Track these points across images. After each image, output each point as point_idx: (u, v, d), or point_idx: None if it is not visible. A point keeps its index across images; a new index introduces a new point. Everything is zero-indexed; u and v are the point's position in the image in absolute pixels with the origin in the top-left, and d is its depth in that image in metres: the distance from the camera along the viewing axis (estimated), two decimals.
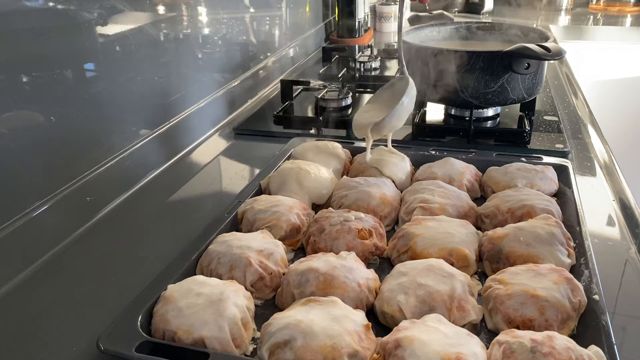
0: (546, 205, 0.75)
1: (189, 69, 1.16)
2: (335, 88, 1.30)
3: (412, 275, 0.61)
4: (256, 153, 1.11)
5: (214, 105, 1.21)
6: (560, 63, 1.69)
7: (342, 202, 0.81)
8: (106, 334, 0.54)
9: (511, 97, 1.05)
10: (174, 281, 0.61)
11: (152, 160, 0.99)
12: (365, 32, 2.04)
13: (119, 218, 0.85)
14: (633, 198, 0.86)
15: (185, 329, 0.54)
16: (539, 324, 0.56)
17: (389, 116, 0.85)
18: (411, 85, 0.90)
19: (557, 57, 0.97)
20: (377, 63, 1.58)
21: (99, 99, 0.88)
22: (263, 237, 0.69)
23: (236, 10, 1.37)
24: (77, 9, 0.83)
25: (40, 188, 0.76)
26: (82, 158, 0.84)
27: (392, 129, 0.88)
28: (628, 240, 0.76)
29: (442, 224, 0.71)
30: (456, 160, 0.89)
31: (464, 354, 0.49)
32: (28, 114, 0.75)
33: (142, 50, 0.99)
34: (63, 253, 0.76)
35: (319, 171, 0.86)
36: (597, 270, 0.63)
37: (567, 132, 1.12)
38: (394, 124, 0.87)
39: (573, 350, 0.50)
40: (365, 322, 0.56)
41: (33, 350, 0.59)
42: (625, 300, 0.64)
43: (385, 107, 0.89)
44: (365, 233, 0.70)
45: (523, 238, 0.67)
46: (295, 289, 0.61)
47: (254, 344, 0.57)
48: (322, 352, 0.50)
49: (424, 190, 0.80)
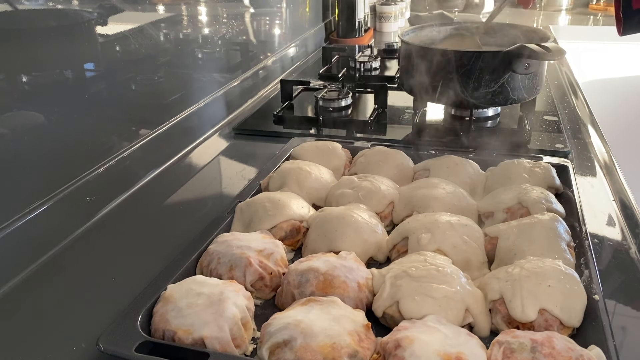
0: (549, 204, 0.75)
1: (189, 69, 1.16)
2: (335, 88, 1.30)
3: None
4: (256, 153, 1.10)
5: (213, 105, 1.21)
6: (560, 63, 1.69)
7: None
8: (106, 334, 0.54)
9: (511, 97, 1.05)
10: (174, 281, 0.61)
11: (152, 160, 0.99)
12: (365, 32, 2.04)
13: (119, 218, 0.85)
14: (633, 198, 0.86)
15: (185, 329, 0.54)
16: (539, 324, 0.56)
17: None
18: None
19: (557, 57, 0.97)
20: (377, 63, 1.58)
21: (99, 99, 0.88)
22: (263, 237, 0.69)
23: (236, 10, 1.37)
24: (77, 9, 0.83)
25: (40, 188, 0.76)
26: (82, 158, 0.84)
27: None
28: (628, 240, 0.76)
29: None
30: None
31: (464, 353, 0.49)
32: (28, 114, 0.75)
33: (142, 50, 0.99)
34: (63, 253, 0.76)
35: (319, 171, 0.86)
36: (597, 270, 0.63)
37: (567, 132, 1.12)
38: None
39: (573, 351, 0.50)
40: (365, 322, 0.56)
41: (33, 350, 0.59)
42: (625, 300, 0.64)
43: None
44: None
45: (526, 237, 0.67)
46: (295, 289, 0.61)
47: (254, 344, 0.57)
48: (322, 352, 0.50)
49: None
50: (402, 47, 1.18)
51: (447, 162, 0.88)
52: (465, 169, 0.87)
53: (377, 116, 1.19)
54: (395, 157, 0.91)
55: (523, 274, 0.59)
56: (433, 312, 0.56)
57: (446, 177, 0.84)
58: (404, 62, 1.17)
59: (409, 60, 1.13)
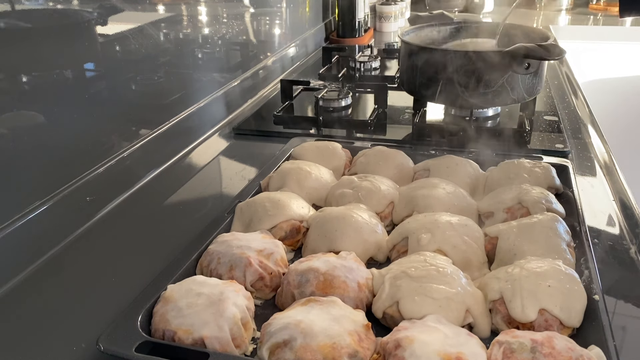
0: (549, 204, 0.75)
1: (189, 69, 1.16)
2: (335, 88, 1.30)
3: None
4: (256, 153, 1.11)
5: (213, 105, 1.21)
6: (560, 63, 1.69)
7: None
8: (106, 334, 0.54)
9: (511, 97, 1.05)
10: (174, 281, 0.61)
11: (152, 160, 0.99)
12: (365, 32, 2.04)
13: (119, 218, 0.85)
14: (633, 198, 0.86)
15: (185, 329, 0.54)
16: (539, 324, 0.56)
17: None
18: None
19: (557, 57, 0.97)
20: (377, 63, 1.58)
21: (99, 99, 0.88)
22: (263, 237, 0.69)
23: (236, 10, 1.37)
24: (77, 9, 0.83)
25: (40, 188, 0.76)
26: (82, 158, 0.84)
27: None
28: (628, 240, 0.76)
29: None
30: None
31: (464, 353, 0.49)
32: (28, 114, 0.75)
33: (142, 50, 0.99)
34: (63, 253, 0.76)
35: (319, 171, 0.86)
36: (597, 270, 0.63)
37: (567, 132, 1.12)
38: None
39: (573, 351, 0.50)
40: (365, 322, 0.56)
41: (33, 350, 0.59)
42: (625, 300, 0.64)
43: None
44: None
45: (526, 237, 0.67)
46: (295, 289, 0.61)
47: (254, 344, 0.57)
48: (322, 352, 0.50)
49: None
50: (402, 47, 1.18)
51: (447, 162, 0.88)
52: (465, 169, 0.87)
53: (377, 116, 1.19)
54: (395, 157, 0.91)
55: (523, 274, 0.59)
56: (433, 312, 0.56)
57: (446, 177, 0.84)
58: (404, 62, 1.17)
59: (409, 60, 1.13)
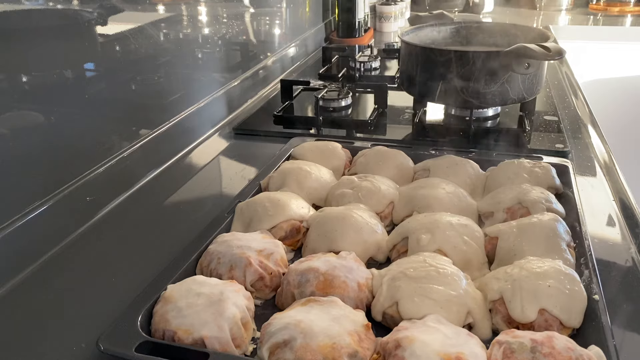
0: (549, 204, 0.75)
1: (189, 69, 1.16)
2: (335, 88, 1.30)
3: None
4: (256, 153, 1.10)
5: (213, 105, 1.21)
6: (560, 63, 1.69)
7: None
8: (106, 334, 0.54)
9: (511, 97, 1.05)
10: (174, 281, 0.61)
11: (152, 160, 0.99)
12: (365, 32, 2.04)
13: (119, 218, 0.85)
14: (633, 198, 0.86)
15: (185, 329, 0.54)
16: (539, 324, 0.56)
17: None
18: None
19: (557, 57, 0.97)
20: (377, 63, 1.58)
21: (99, 99, 0.88)
22: (263, 237, 0.69)
23: (236, 10, 1.37)
24: (77, 9, 0.83)
25: (40, 188, 0.76)
26: (82, 158, 0.84)
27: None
28: (628, 240, 0.76)
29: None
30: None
31: (464, 353, 0.49)
32: (28, 114, 0.75)
33: (142, 50, 0.99)
34: (63, 253, 0.76)
35: (319, 171, 0.86)
36: (597, 270, 0.63)
37: (567, 132, 1.12)
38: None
39: (573, 351, 0.50)
40: (365, 322, 0.56)
41: (33, 351, 0.59)
42: (625, 300, 0.64)
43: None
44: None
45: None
46: (295, 289, 0.61)
47: (254, 344, 0.57)
48: (322, 352, 0.50)
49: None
50: (402, 47, 1.18)
51: (447, 162, 0.88)
52: (465, 169, 0.87)
53: (377, 116, 1.19)
54: (395, 157, 0.91)
55: (523, 274, 0.59)
56: (433, 314, 0.56)
57: (446, 177, 0.84)
58: (404, 62, 1.17)
59: (409, 60, 1.13)
